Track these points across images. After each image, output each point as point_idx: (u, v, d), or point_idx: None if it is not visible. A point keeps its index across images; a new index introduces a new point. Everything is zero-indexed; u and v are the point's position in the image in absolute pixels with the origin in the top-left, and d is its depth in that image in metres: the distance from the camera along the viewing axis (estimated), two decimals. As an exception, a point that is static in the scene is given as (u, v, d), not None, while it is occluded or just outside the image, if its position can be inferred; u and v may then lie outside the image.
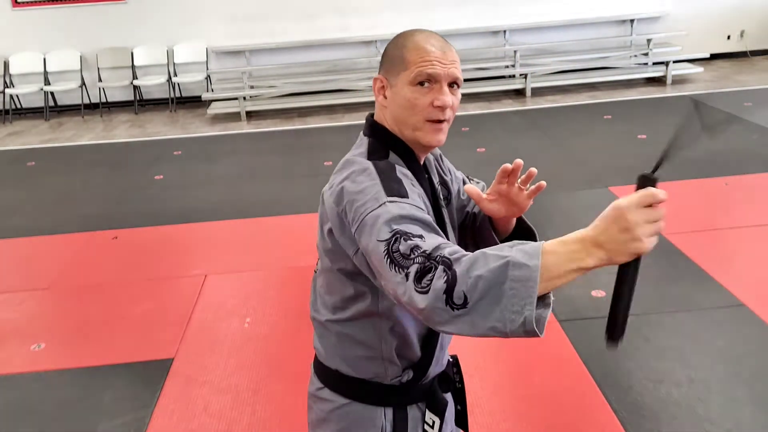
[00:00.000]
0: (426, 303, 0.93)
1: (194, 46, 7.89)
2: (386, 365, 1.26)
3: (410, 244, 0.98)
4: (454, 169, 1.46)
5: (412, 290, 0.95)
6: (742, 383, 2.52)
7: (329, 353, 1.29)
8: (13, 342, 3.15)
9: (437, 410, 1.33)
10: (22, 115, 8.08)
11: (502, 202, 1.28)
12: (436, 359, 1.31)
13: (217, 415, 2.56)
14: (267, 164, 5.68)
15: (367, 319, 1.22)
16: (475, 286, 0.90)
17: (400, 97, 1.18)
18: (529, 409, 2.49)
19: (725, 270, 3.36)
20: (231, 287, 3.56)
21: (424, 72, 1.16)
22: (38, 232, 4.47)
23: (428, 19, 7.89)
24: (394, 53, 1.21)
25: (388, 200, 1.06)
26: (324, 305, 1.28)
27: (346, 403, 1.28)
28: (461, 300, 0.91)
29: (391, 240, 1.00)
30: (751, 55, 8.48)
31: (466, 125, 6.44)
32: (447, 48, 1.21)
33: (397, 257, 0.98)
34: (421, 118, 1.18)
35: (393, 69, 1.20)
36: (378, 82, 1.24)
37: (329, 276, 1.24)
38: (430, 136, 1.19)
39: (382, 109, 1.24)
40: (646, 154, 5.18)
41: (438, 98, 1.17)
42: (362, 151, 1.21)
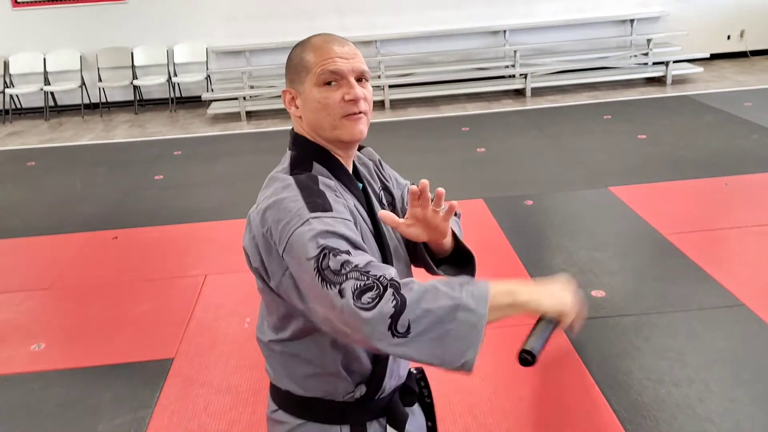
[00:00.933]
0: (369, 321, 0.93)
1: (194, 46, 7.89)
2: (335, 381, 1.22)
3: (340, 260, 0.98)
4: (397, 175, 1.43)
5: (352, 306, 0.94)
6: (742, 383, 2.52)
7: (278, 374, 1.26)
8: (13, 342, 3.15)
9: (398, 425, 1.28)
10: (22, 115, 8.08)
11: (421, 226, 1.21)
12: (390, 371, 1.26)
13: (217, 415, 2.56)
14: (267, 164, 5.63)
15: (307, 336, 1.19)
16: (422, 319, 0.93)
17: (311, 101, 1.17)
18: (529, 409, 2.49)
19: (725, 270, 3.36)
20: (231, 287, 3.56)
21: (327, 69, 1.15)
22: (38, 232, 4.47)
23: (428, 19, 7.91)
24: (295, 61, 1.20)
25: (311, 216, 1.05)
26: (267, 325, 1.26)
27: (300, 424, 1.25)
28: (404, 328, 0.92)
29: (319, 257, 0.99)
30: (751, 55, 8.48)
31: (466, 125, 6.44)
32: (346, 44, 1.19)
33: (327, 274, 0.98)
34: (336, 116, 1.16)
35: (297, 77, 1.19)
36: (287, 94, 1.22)
37: (264, 296, 1.22)
38: (350, 129, 1.17)
39: (298, 120, 1.23)
40: (646, 154, 5.20)
41: (348, 92, 1.15)
42: (285, 167, 1.20)
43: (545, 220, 4.16)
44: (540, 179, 4.72)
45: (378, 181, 1.35)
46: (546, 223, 4.13)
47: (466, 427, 2.40)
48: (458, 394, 2.54)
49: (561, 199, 4.47)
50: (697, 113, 6.29)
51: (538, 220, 4.16)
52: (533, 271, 3.46)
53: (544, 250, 3.74)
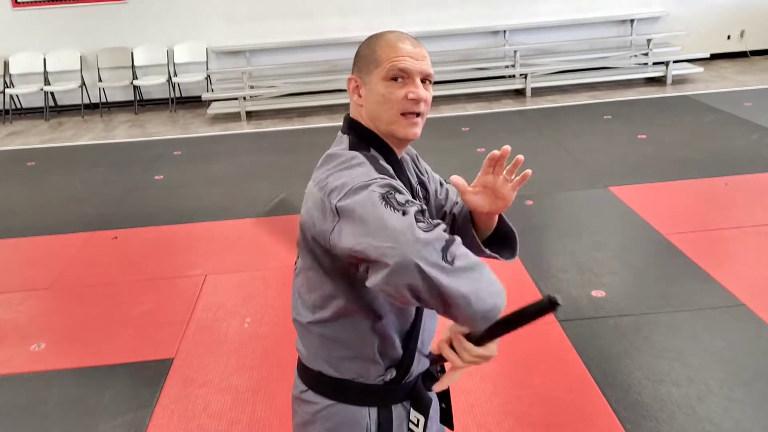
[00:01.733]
0: (426, 240, 0.97)
1: (194, 46, 7.89)
2: (369, 365, 1.26)
3: (404, 198, 1.04)
4: (431, 170, 1.47)
5: (413, 221, 0.99)
6: (742, 383, 2.52)
7: (311, 355, 1.29)
8: (13, 342, 3.15)
9: (422, 409, 1.33)
10: (22, 115, 8.08)
11: (487, 194, 1.28)
12: (417, 357, 1.31)
13: (217, 415, 2.56)
14: (267, 164, 5.68)
15: (347, 318, 1.22)
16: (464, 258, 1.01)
17: (375, 93, 1.21)
18: (529, 409, 2.49)
19: (725, 270, 3.36)
20: (231, 287, 3.56)
21: (397, 66, 1.19)
22: (38, 232, 4.48)
23: (428, 19, 7.91)
24: (366, 52, 1.24)
25: (378, 176, 1.10)
26: (304, 306, 1.28)
27: (330, 404, 1.28)
28: (452, 258, 0.98)
29: (385, 194, 1.04)
30: (751, 55, 8.49)
31: (466, 125, 6.44)
32: (418, 45, 1.23)
33: (392, 200, 1.03)
34: (396, 112, 1.20)
35: (366, 67, 1.23)
36: (352, 81, 1.26)
37: (308, 274, 1.24)
38: (406, 129, 1.22)
39: (358, 107, 1.26)
40: (646, 154, 5.20)
41: (412, 91, 1.19)
42: (344, 146, 1.23)
43: (545, 220, 4.16)
44: (540, 179, 4.72)
45: (415, 175, 1.39)
46: (546, 223, 4.13)
47: (466, 426, 2.40)
48: (458, 393, 2.54)
49: (561, 199, 4.47)
50: (697, 113, 6.30)
51: (538, 220, 4.16)
52: (533, 271, 3.46)
53: (544, 250, 3.74)
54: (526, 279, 3.39)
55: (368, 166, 1.13)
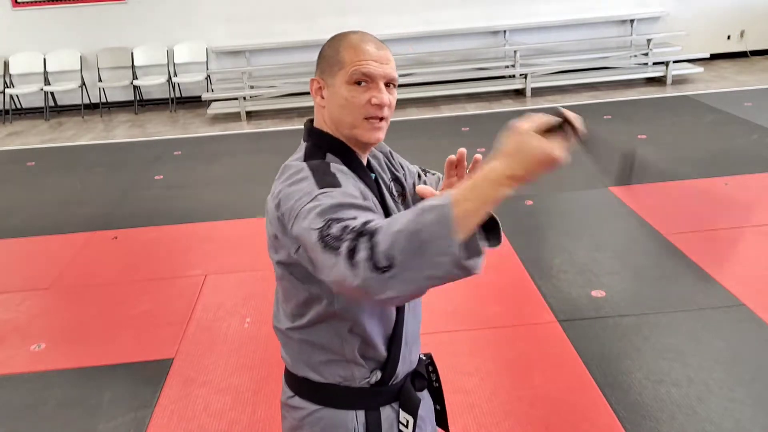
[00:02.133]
0: (358, 277, 0.90)
1: (194, 46, 7.89)
2: (352, 368, 1.25)
3: (341, 226, 0.97)
4: (407, 163, 1.47)
5: (345, 268, 0.92)
6: (742, 383, 2.52)
7: (294, 361, 1.29)
8: (13, 342, 3.15)
9: (410, 409, 1.32)
10: (22, 115, 8.08)
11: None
12: (402, 357, 1.30)
13: (217, 415, 2.56)
14: (267, 164, 5.65)
15: (324, 322, 1.22)
16: (395, 243, 0.88)
17: (338, 96, 1.20)
18: (529, 409, 2.49)
19: (725, 270, 3.36)
20: (231, 287, 3.56)
21: (360, 71, 1.17)
22: (38, 232, 4.47)
23: (428, 19, 7.91)
24: (329, 53, 1.22)
25: (319, 193, 1.06)
26: (284, 314, 1.29)
27: (317, 410, 1.28)
28: (387, 260, 0.88)
29: (323, 227, 0.99)
30: (751, 55, 8.48)
31: (466, 125, 6.44)
32: (382, 48, 1.21)
33: (329, 240, 0.97)
34: (359, 116, 1.19)
35: (329, 69, 1.21)
36: (315, 83, 1.25)
37: (283, 283, 1.26)
38: (369, 134, 1.21)
39: (320, 109, 1.26)
40: (646, 154, 5.20)
41: (375, 96, 1.17)
42: (299, 156, 1.24)
43: (545, 220, 4.16)
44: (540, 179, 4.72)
45: (388, 172, 1.38)
46: (546, 223, 4.13)
47: (466, 426, 2.40)
48: (458, 393, 2.54)
49: (561, 199, 4.47)
50: (697, 113, 6.29)
51: (538, 220, 4.16)
52: (533, 271, 3.45)
53: (544, 250, 3.74)
54: (526, 279, 3.39)
55: (311, 181, 1.11)
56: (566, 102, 7.10)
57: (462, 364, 2.72)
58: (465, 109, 7.13)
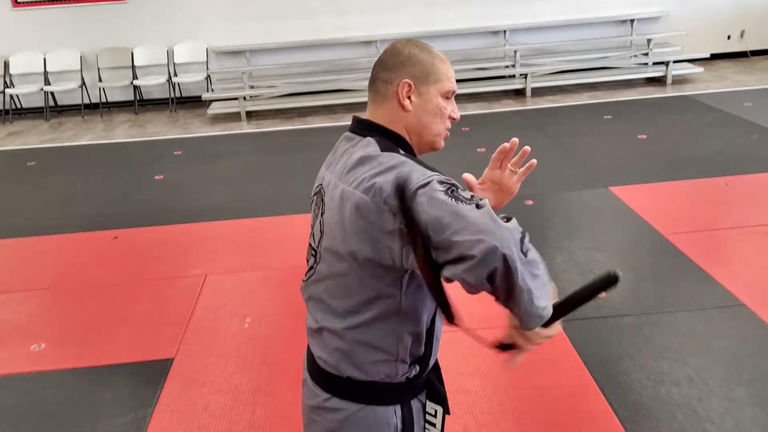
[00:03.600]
0: (507, 228, 1.03)
1: (194, 46, 7.89)
2: (398, 365, 1.26)
3: (468, 193, 1.08)
4: None
5: (491, 213, 1.04)
6: (742, 383, 2.53)
7: (340, 361, 1.26)
8: (13, 342, 3.15)
9: (438, 399, 1.35)
10: (22, 115, 8.08)
11: (494, 190, 1.37)
12: (434, 351, 1.33)
13: (217, 415, 2.56)
14: (267, 164, 5.68)
15: (384, 321, 1.21)
16: (531, 252, 1.06)
17: (432, 104, 1.27)
18: (529, 409, 2.49)
19: (725, 270, 3.36)
20: (231, 287, 3.56)
21: (453, 88, 1.30)
22: (38, 232, 4.47)
23: (428, 19, 7.90)
24: (426, 63, 1.27)
25: (432, 174, 1.12)
26: (332, 313, 1.25)
27: (359, 409, 1.27)
28: (527, 250, 1.05)
29: (448, 189, 1.07)
30: (751, 55, 8.48)
31: (466, 125, 6.43)
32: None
33: (460, 196, 1.06)
34: (443, 128, 1.29)
35: (424, 77, 1.26)
36: (406, 86, 1.25)
37: (341, 280, 1.22)
38: (442, 143, 1.32)
39: (399, 111, 1.26)
40: (646, 154, 5.20)
41: (455, 111, 1.31)
42: (374, 148, 1.22)
43: (545, 220, 4.16)
44: (540, 179, 4.72)
45: None
46: (546, 223, 4.13)
47: (466, 426, 2.40)
48: (458, 394, 2.54)
49: (561, 199, 4.47)
50: (697, 113, 6.29)
51: (538, 220, 4.16)
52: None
53: (544, 250, 3.74)
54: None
55: (413, 163, 1.15)
56: (566, 102, 7.11)
57: (462, 364, 2.72)
58: (465, 109, 7.13)
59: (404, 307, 1.20)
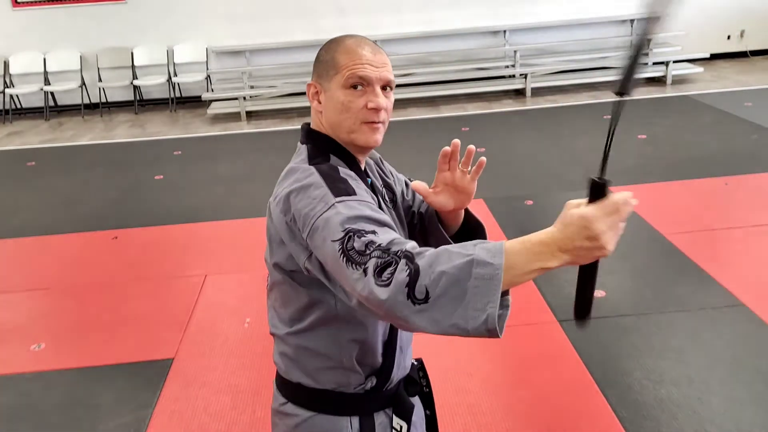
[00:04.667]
0: (387, 295, 0.92)
1: (194, 46, 7.89)
2: (348, 374, 1.25)
3: (364, 241, 0.98)
4: (395, 171, 1.46)
5: (372, 284, 0.94)
6: (742, 383, 2.53)
7: (289, 367, 1.28)
8: (13, 342, 3.15)
9: (404, 415, 1.32)
10: (22, 115, 8.08)
11: (449, 192, 1.28)
12: (397, 363, 1.30)
13: (217, 415, 2.56)
14: (267, 164, 5.67)
15: (324, 327, 1.21)
16: (438, 282, 0.90)
17: (335, 100, 1.19)
18: (529, 409, 2.49)
19: (725, 270, 3.36)
20: (231, 287, 3.56)
21: (356, 74, 1.17)
22: (38, 232, 4.47)
23: (428, 19, 7.90)
24: (325, 58, 1.22)
25: (336, 201, 1.06)
26: (280, 319, 1.27)
27: (311, 416, 1.27)
28: (423, 295, 0.90)
29: (344, 239, 0.99)
30: (751, 55, 8.48)
31: (466, 125, 6.44)
32: (378, 51, 1.21)
33: (352, 255, 0.97)
34: (356, 121, 1.19)
35: (326, 73, 1.21)
36: (311, 87, 1.25)
37: (283, 288, 1.24)
38: (366, 137, 1.20)
39: (318, 114, 1.25)
40: (646, 154, 5.20)
41: (371, 100, 1.17)
42: (303, 158, 1.22)
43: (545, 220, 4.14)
44: (540, 179, 4.72)
45: (380, 179, 1.38)
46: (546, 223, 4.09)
47: (466, 426, 2.40)
48: (458, 393, 2.54)
49: (561, 199, 4.43)
50: (697, 113, 6.29)
51: (538, 220, 4.15)
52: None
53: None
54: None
55: (323, 187, 1.10)
56: (566, 102, 7.11)
57: (462, 365, 2.72)
58: (465, 109, 7.13)
59: (341, 314, 1.19)
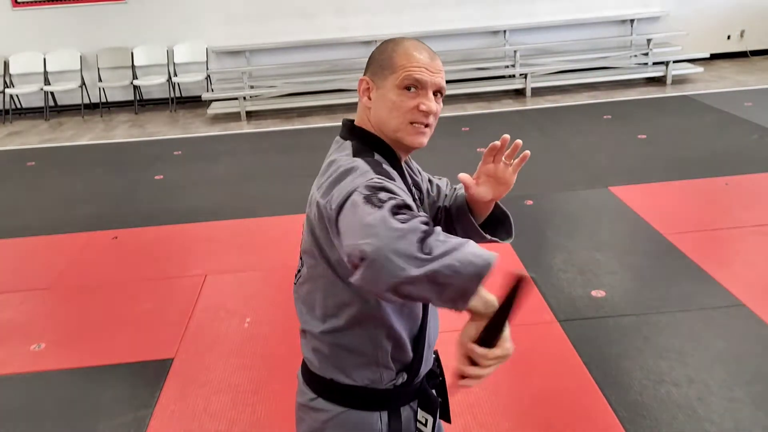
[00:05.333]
0: (401, 227, 0.93)
1: (194, 46, 7.89)
2: (382, 371, 1.26)
3: (388, 195, 1.01)
4: (420, 169, 1.48)
5: (387, 214, 0.95)
6: (742, 383, 2.53)
7: (323, 364, 1.28)
8: (13, 342, 3.15)
9: (429, 408, 1.34)
10: (22, 115, 8.08)
11: (490, 183, 1.33)
12: (425, 359, 1.32)
13: (217, 415, 2.56)
14: (267, 164, 5.68)
15: (360, 325, 1.22)
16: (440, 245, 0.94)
17: (386, 99, 1.20)
18: (529, 409, 2.49)
19: (725, 270, 3.36)
20: (231, 287, 3.56)
21: (412, 76, 1.18)
22: (38, 232, 4.47)
23: (428, 19, 7.90)
24: (382, 57, 1.23)
25: (376, 176, 1.08)
26: (313, 315, 1.27)
27: (342, 412, 1.28)
28: (429, 250, 0.93)
29: (368, 195, 1.01)
30: (751, 55, 8.48)
31: (466, 125, 6.44)
32: (435, 58, 1.23)
33: (373, 199, 0.99)
34: (404, 120, 1.20)
35: (380, 72, 1.22)
36: (363, 83, 1.25)
37: (320, 282, 1.23)
38: (412, 137, 1.21)
39: (365, 110, 1.26)
40: (646, 154, 5.20)
41: (423, 103, 1.19)
42: (347, 153, 1.22)
43: (545, 220, 4.16)
44: (540, 179, 4.72)
45: (409, 177, 1.39)
46: (546, 223, 4.13)
47: (466, 426, 2.40)
48: (458, 394, 2.54)
49: (561, 199, 4.47)
50: (697, 113, 6.30)
51: (538, 220, 4.16)
52: (533, 271, 3.45)
53: (544, 250, 3.74)
54: (526, 279, 3.39)
55: (367, 169, 1.11)
56: (566, 102, 7.11)
57: (462, 364, 2.72)
58: (465, 109, 7.13)
59: (374, 313, 1.20)
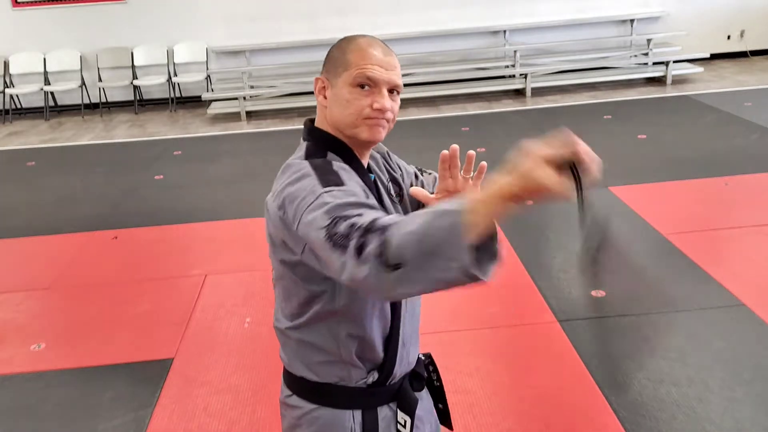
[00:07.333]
0: (366, 273, 0.92)
1: (194, 46, 7.89)
2: (349, 368, 1.26)
3: (348, 224, 0.98)
4: (404, 164, 1.46)
5: (353, 265, 0.94)
6: (741, 383, 2.52)
7: (292, 360, 1.31)
8: (13, 342, 3.15)
9: (408, 410, 1.33)
10: (22, 115, 8.08)
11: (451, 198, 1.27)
12: (399, 358, 1.30)
13: (217, 415, 2.56)
14: (267, 164, 5.66)
15: (323, 322, 1.23)
16: (407, 244, 0.89)
17: (340, 97, 1.20)
18: (529, 409, 2.49)
19: (725, 270, 3.36)
20: (231, 287, 3.56)
21: (365, 74, 1.17)
22: (38, 232, 4.47)
23: (428, 19, 7.90)
24: (336, 54, 1.22)
25: (324, 191, 1.07)
26: (283, 313, 1.29)
27: (314, 408, 1.29)
28: (397, 259, 0.89)
29: (330, 225, 0.99)
30: (751, 55, 8.48)
31: (466, 125, 6.44)
32: (389, 54, 1.21)
33: (337, 239, 0.98)
34: (358, 117, 1.19)
35: (334, 70, 1.21)
36: (319, 82, 1.25)
37: (284, 283, 1.25)
38: (368, 132, 1.20)
39: (322, 109, 1.26)
40: (646, 154, 5.20)
41: (377, 101, 1.17)
42: (300, 155, 1.23)
43: (545, 220, 4.16)
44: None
45: (386, 173, 1.38)
46: (546, 223, 4.13)
47: (466, 426, 2.40)
48: (458, 393, 2.54)
49: (561, 199, 4.47)
50: (697, 113, 6.29)
51: (538, 220, 4.15)
52: (533, 271, 3.45)
53: (544, 250, 3.74)
54: (526, 279, 3.39)
55: (313, 179, 1.10)
56: (566, 102, 7.11)
57: (462, 364, 2.72)
58: (465, 109, 7.13)
59: (340, 309, 1.21)
